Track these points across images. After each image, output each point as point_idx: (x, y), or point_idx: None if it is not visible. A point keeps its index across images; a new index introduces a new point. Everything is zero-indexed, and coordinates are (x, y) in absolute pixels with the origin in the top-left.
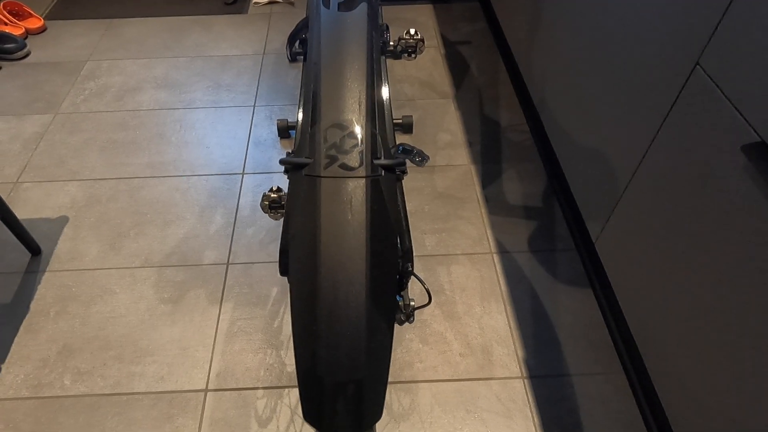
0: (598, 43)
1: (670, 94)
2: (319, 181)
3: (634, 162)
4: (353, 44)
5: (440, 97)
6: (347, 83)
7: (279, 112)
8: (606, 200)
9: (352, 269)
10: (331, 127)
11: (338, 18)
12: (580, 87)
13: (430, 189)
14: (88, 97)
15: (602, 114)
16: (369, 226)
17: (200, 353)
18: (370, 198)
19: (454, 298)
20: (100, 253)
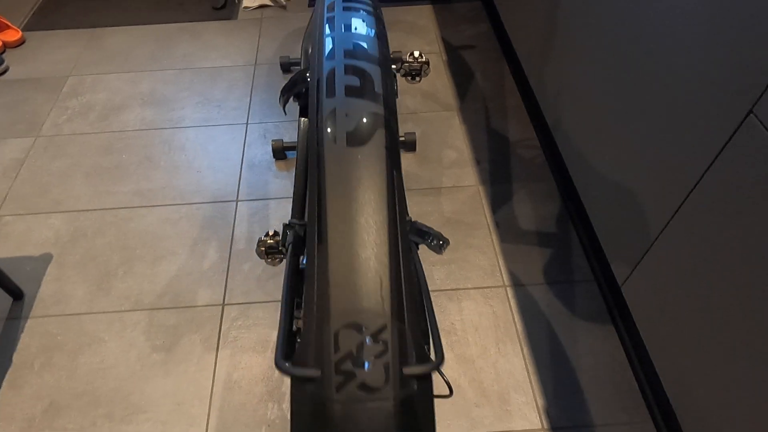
0: (633, 73)
1: (719, 140)
2: (330, 407)
3: (671, 207)
4: (368, 200)
5: (444, 110)
6: (362, 260)
7: (273, 131)
8: (636, 243)
9: None
10: (344, 327)
11: (347, 157)
12: (608, 118)
13: (437, 214)
14: (71, 117)
15: (635, 151)
16: None
17: (196, 409)
18: (401, 427)
19: (466, 339)
20: (87, 295)
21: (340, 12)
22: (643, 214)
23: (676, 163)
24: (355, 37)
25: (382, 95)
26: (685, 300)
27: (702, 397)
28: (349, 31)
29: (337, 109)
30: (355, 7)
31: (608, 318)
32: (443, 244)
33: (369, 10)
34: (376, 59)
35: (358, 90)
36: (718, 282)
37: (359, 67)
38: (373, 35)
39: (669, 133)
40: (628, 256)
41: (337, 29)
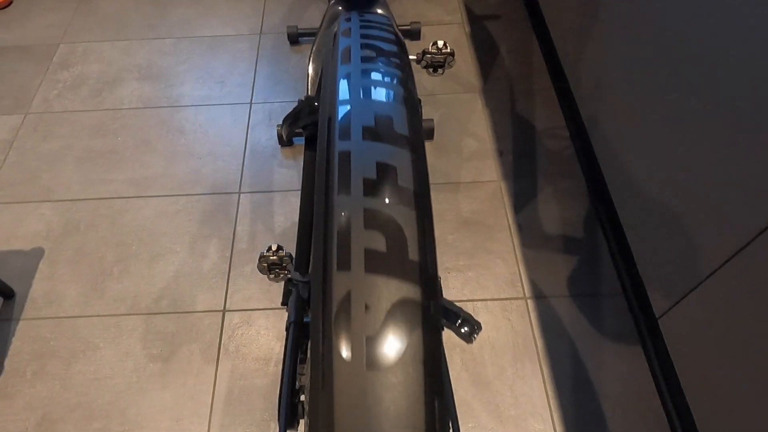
0: (707, 78)
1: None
2: None
3: (728, 251)
4: None
5: (465, 91)
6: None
7: (279, 111)
8: (680, 278)
9: None
10: None
11: (367, 391)
12: (664, 128)
13: (454, 213)
14: (62, 92)
15: (697, 176)
16: None
17: (195, 426)
18: None
19: (482, 358)
20: (81, 296)
21: (357, 62)
22: (694, 247)
23: (742, 204)
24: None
25: (418, 263)
26: (731, 345)
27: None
28: (370, 97)
29: (353, 295)
30: (376, 48)
31: (637, 338)
32: (475, 332)
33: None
34: (409, 195)
35: (383, 258)
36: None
37: (384, 216)
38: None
39: (748, 164)
40: (669, 289)
41: (353, 95)
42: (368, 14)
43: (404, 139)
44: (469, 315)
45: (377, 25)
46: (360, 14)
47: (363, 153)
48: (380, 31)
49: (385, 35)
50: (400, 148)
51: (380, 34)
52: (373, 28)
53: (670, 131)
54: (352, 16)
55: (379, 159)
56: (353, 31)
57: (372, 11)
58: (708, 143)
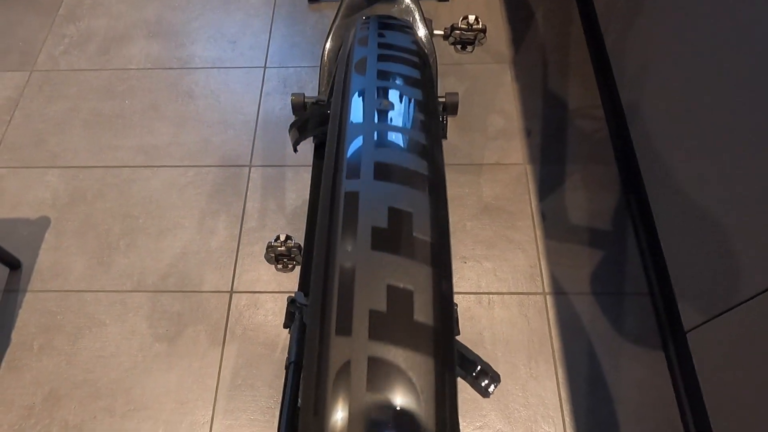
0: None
1: None
2: None
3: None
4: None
5: (494, 61)
6: None
7: (294, 77)
8: (717, 294)
9: None
10: None
11: None
12: (721, 127)
13: (474, 198)
14: (68, 48)
15: (752, 188)
16: None
17: (200, 410)
18: None
19: (495, 354)
20: (87, 270)
21: (373, 91)
22: (736, 269)
23: None
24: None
25: (432, 328)
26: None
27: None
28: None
29: (353, 366)
30: (395, 75)
31: (659, 343)
32: (493, 384)
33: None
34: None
35: (390, 321)
36: None
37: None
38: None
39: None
40: (703, 303)
41: (368, 115)
42: (389, 20)
43: (422, 179)
44: (487, 365)
45: (399, 39)
46: (380, 20)
47: (373, 196)
48: (401, 41)
49: (408, 45)
50: (418, 190)
51: (401, 54)
52: (393, 31)
53: (725, 131)
54: (371, 22)
55: (392, 204)
56: (370, 41)
57: (393, 11)
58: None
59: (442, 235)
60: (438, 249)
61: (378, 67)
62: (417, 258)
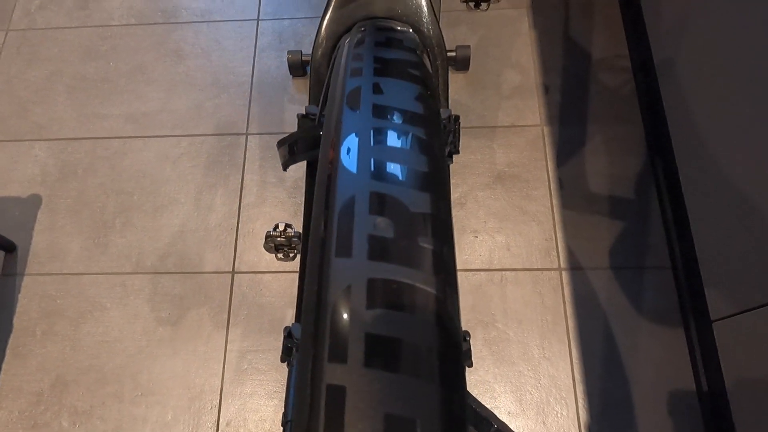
0: None
1: None
2: None
3: None
4: None
5: (511, 6)
6: None
7: (291, 31)
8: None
9: None
10: None
11: None
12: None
13: (487, 165)
14: (44, 3)
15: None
16: None
17: (207, 395)
18: None
19: (507, 335)
20: (84, 251)
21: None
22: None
23: None
24: (392, 158)
25: (437, 363)
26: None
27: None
28: (385, 144)
29: (348, 394)
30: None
31: (680, 320)
32: None
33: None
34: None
35: (388, 352)
36: None
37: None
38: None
39: None
40: (734, 294)
41: (363, 133)
42: (387, 32)
43: (427, 258)
44: (504, 425)
45: (397, 56)
46: (375, 26)
47: (366, 278)
48: (400, 55)
49: (407, 69)
50: (421, 272)
51: (400, 68)
52: (392, 49)
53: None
54: (367, 32)
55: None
56: (365, 69)
57: (393, 20)
58: None
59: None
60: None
61: (373, 101)
62: None
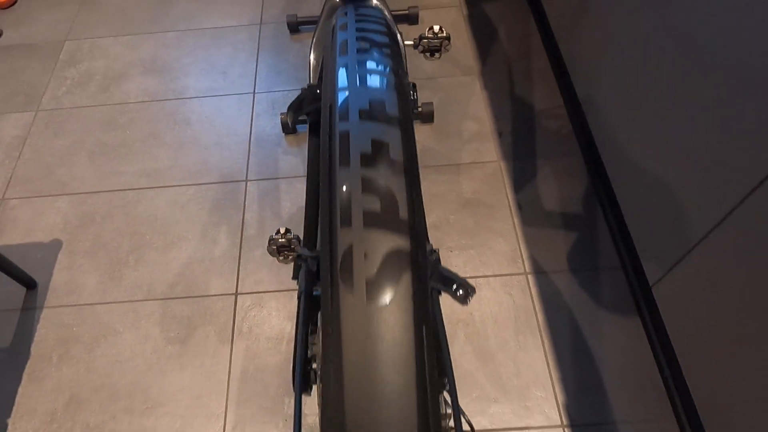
0: (691, 49)
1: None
2: None
3: (715, 217)
4: (393, 377)
5: (464, 74)
6: None
7: (282, 100)
8: (671, 246)
9: None
10: None
11: (369, 318)
12: (652, 105)
13: (455, 194)
14: (70, 88)
15: (681, 150)
16: None
17: (214, 403)
18: None
19: (485, 332)
20: (100, 285)
21: (354, 53)
22: (683, 218)
23: (727, 172)
24: (371, 95)
25: (407, 219)
26: (721, 310)
27: (729, 403)
28: (366, 85)
29: (354, 246)
30: (370, 40)
31: (635, 310)
32: (469, 295)
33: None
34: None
35: (377, 217)
36: (758, 297)
37: (379, 187)
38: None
39: (726, 136)
40: (661, 258)
41: (350, 79)
42: (363, 8)
43: (395, 120)
44: (463, 280)
45: (371, 19)
46: (356, 8)
47: (360, 132)
48: (374, 24)
49: (379, 28)
50: (392, 127)
51: (374, 27)
52: (368, 21)
53: (660, 107)
54: (349, 10)
55: (374, 136)
56: (349, 26)
57: (367, 4)
58: (695, 117)
59: (410, 158)
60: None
61: (357, 46)
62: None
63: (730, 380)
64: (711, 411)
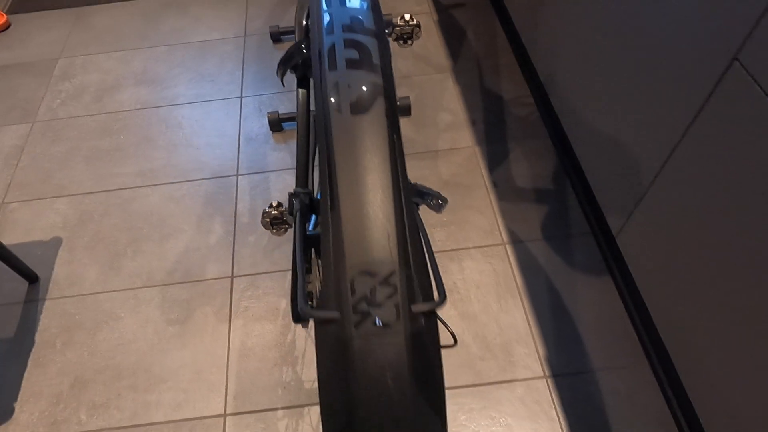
0: (623, 23)
1: (705, 88)
2: (350, 343)
3: (662, 156)
4: (373, 163)
5: (437, 72)
6: (372, 215)
7: (268, 102)
8: (628, 194)
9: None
10: (358, 275)
11: (352, 125)
12: (597, 69)
13: (435, 177)
14: (65, 101)
15: (625, 103)
16: (413, 392)
17: (215, 376)
18: (412, 357)
19: (469, 297)
20: (100, 276)
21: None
22: (635, 164)
23: (665, 112)
24: (351, 12)
25: (380, 66)
26: (679, 247)
27: (699, 347)
28: (345, 6)
29: (339, 81)
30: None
31: (606, 270)
32: (442, 203)
33: None
34: (372, 32)
35: (357, 62)
36: (708, 229)
37: (357, 41)
38: (368, 8)
39: (658, 81)
40: (621, 207)
41: (333, 5)
42: None
43: (372, 32)
44: (437, 192)
45: None
46: None
47: (342, 41)
48: None
49: None
50: (370, 37)
51: None
52: None
53: (608, 76)
54: None
55: (355, 39)
56: None
57: None
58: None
59: (386, 60)
60: (384, 64)
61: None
62: None
63: (693, 317)
64: (679, 349)
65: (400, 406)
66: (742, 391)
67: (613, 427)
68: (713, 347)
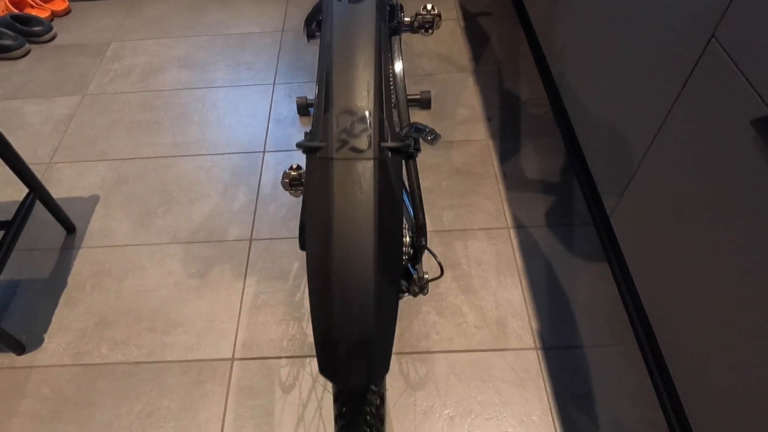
0: (616, 17)
1: (686, 68)
2: (331, 163)
3: (649, 136)
4: (362, 36)
5: (459, 71)
6: (357, 73)
7: (298, 90)
8: (621, 174)
9: (362, 243)
10: (342, 113)
11: (348, 10)
12: (597, 61)
13: (447, 165)
14: (113, 78)
15: (619, 88)
16: (377, 203)
17: (226, 324)
18: (378, 178)
19: (470, 272)
20: (131, 231)
21: None
22: (628, 146)
23: (653, 94)
24: None
25: None
26: (665, 225)
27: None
28: None
29: None
30: None
31: (604, 257)
32: (435, 138)
33: None
34: None
35: None
36: (691, 207)
37: None
38: None
39: (643, 63)
40: (615, 187)
41: None
42: None
43: None
44: (432, 129)
45: None
46: None
47: None
48: None
49: None
50: None
51: None
52: None
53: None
54: None
55: None
56: None
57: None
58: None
59: None
60: None
61: None
62: None
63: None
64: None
65: (364, 215)
66: (719, 371)
67: (597, 398)
68: (696, 328)
